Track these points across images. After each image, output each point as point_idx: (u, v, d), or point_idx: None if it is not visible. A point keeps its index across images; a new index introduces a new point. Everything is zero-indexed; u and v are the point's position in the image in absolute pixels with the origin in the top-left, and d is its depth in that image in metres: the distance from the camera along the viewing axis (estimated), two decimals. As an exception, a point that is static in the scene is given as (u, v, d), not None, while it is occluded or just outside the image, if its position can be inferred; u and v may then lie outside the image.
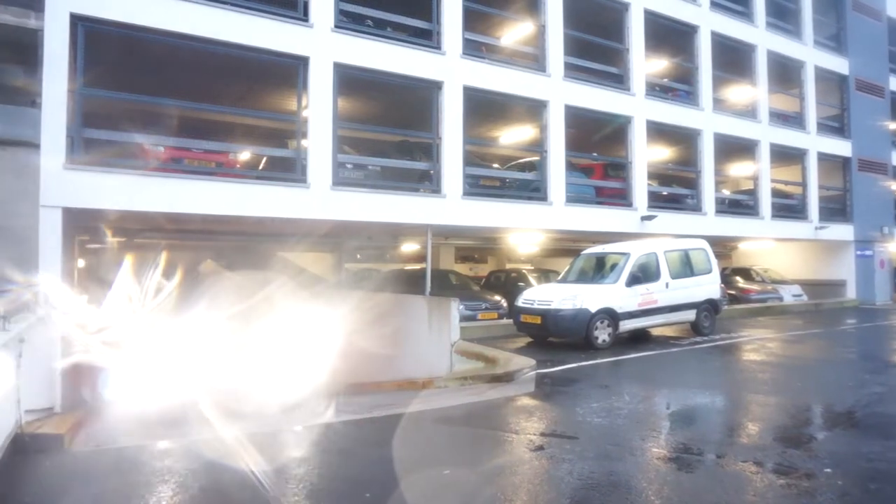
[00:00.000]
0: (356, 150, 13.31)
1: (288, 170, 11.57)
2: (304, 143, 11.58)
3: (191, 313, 8.28)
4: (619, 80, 16.36)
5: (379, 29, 12.70)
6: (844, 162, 22.60)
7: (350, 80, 12.08)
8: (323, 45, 11.64)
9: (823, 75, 21.78)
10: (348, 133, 13.42)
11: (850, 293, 22.49)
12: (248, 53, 10.96)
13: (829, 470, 4.75)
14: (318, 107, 11.59)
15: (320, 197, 11.49)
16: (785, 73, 20.76)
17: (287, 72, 11.60)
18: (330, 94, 11.67)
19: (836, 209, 22.45)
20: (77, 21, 9.34)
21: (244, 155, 12.85)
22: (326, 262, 21.42)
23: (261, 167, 12.82)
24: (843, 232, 22.17)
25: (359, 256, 24.51)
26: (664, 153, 19.56)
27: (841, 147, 22.32)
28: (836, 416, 6.77)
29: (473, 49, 13.85)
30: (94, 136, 9.75)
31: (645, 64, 16.77)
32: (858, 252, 22.68)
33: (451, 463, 5.22)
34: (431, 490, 4.57)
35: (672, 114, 17.24)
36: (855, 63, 22.77)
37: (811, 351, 11.72)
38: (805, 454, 5.19)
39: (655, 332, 13.46)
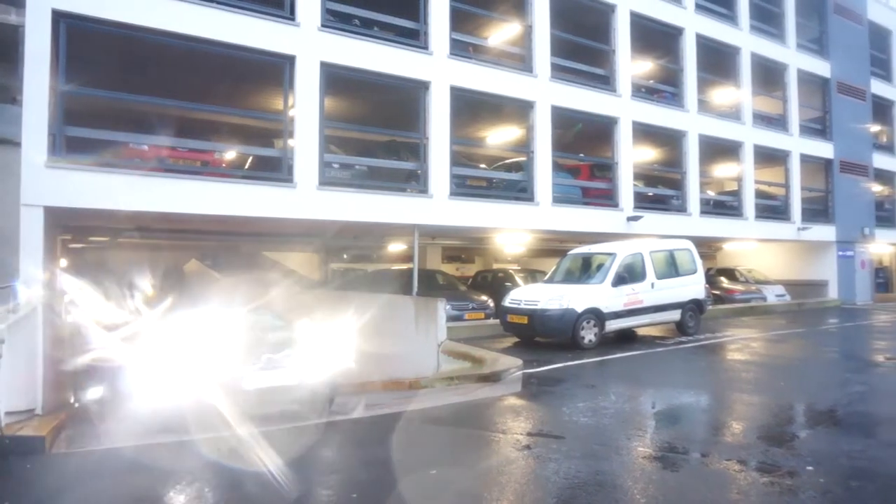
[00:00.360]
0: (343, 149, 13.27)
1: (274, 169, 11.51)
2: (290, 142, 11.52)
3: (188, 311, 8.14)
4: (605, 82, 16.45)
5: (366, 28, 12.66)
6: (826, 164, 22.89)
7: (337, 79, 12.04)
8: (309, 44, 11.59)
9: (806, 78, 22.04)
10: (335, 133, 13.37)
11: (832, 293, 22.78)
12: (235, 52, 10.88)
13: (811, 468, 4.81)
14: (305, 106, 11.54)
15: (307, 197, 11.44)
16: (768, 76, 20.99)
17: (273, 71, 11.54)
18: (317, 93, 11.62)
19: (818, 210, 22.73)
20: (59, 17, 9.21)
21: (230, 154, 12.76)
22: (312, 261, 21.34)
23: (247, 167, 12.75)
24: (825, 233, 22.45)
25: (345, 256, 24.43)
26: (650, 154, 19.70)
27: (823, 149, 22.61)
28: (818, 414, 6.85)
29: (461, 49, 13.86)
30: (77, 135, 9.62)
31: (631, 65, 16.87)
32: (840, 253, 22.98)
33: (438, 463, 5.22)
34: (418, 490, 4.57)
35: (657, 115, 17.37)
36: (836, 66, 23.08)
37: (794, 350, 11.86)
38: (788, 452, 5.25)
39: (641, 331, 13.55)
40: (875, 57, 25.28)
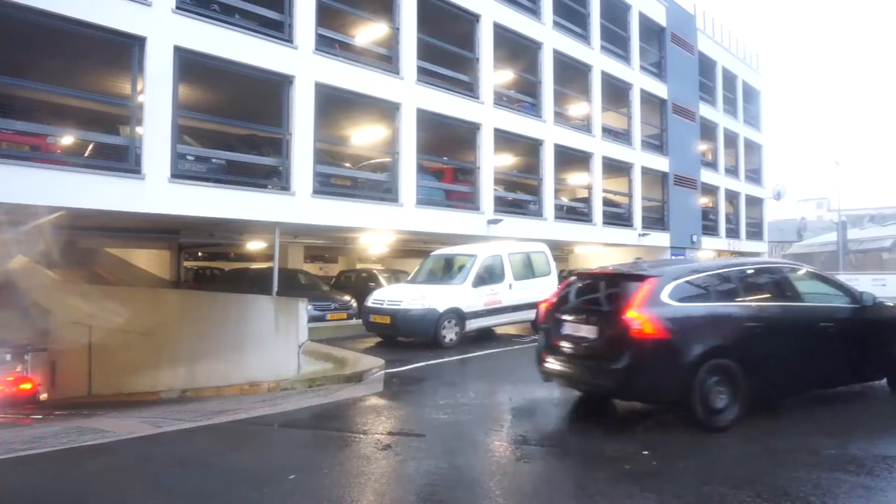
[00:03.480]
0: (199, 141, 12.50)
1: (120, 159, 10.55)
2: (139, 130, 10.64)
3: None
4: (469, 88, 16.94)
5: (226, 15, 12.01)
6: (663, 176, 25.30)
7: (193, 66, 11.31)
8: (162, 25, 10.76)
9: (647, 97, 24.23)
10: (191, 123, 12.56)
11: (666, 294, 25.16)
12: (77, 28, 9.83)
13: (646, 452, 5.24)
14: (157, 93, 10.70)
15: (156, 190, 10.63)
16: (616, 93, 22.81)
17: (120, 52, 10.58)
18: (170, 79, 10.82)
19: (656, 219, 25.08)
20: None
21: (67, 139, 11.52)
22: (163, 259, 19.91)
23: (87, 154, 11.59)
24: (661, 239, 24.82)
25: (200, 254, 23.06)
26: (510, 160, 20.59)
27: (660, 163, 24.96)
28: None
29: (327, 45, 13.60)
30: None
31: (493, 74, 17.53)
32: (673, 257, 25.51)
33: (297, 468, 5.08)
34: (275, 497, 4.42)
35: (517, 123, 18.19)
36: (672, 89, 25.61)
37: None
38: (630, 438, 5.71)
39: (500, 330, 14.08)
40: (703, 83, 28.44)
